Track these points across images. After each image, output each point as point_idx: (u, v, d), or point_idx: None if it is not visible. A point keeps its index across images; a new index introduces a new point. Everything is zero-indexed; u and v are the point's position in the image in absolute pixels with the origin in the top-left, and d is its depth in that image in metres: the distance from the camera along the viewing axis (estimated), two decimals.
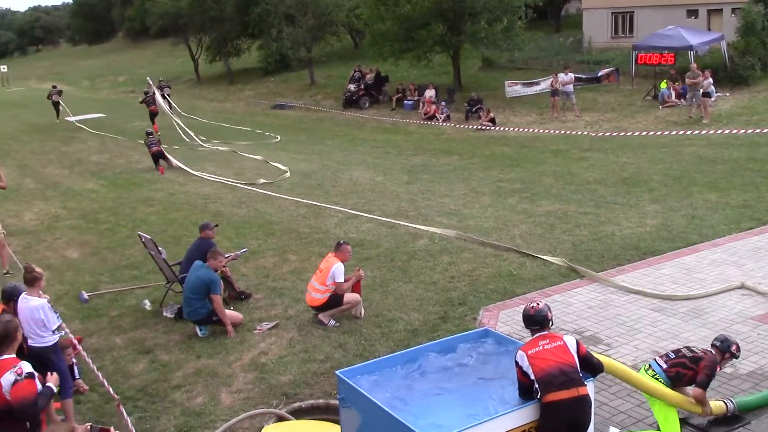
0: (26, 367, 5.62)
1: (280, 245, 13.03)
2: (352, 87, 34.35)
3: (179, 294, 10.11)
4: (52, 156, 25.23)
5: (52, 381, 5.84)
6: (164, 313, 10.12)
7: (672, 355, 6.61)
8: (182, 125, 27.15)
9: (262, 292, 10.72)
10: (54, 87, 38.58)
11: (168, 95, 35.03)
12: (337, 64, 43.70)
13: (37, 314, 7.10)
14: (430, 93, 30.47)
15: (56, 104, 36.30)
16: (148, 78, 32.46)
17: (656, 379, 6.47)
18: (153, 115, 30.22)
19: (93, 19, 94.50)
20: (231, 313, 9.55)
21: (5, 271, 12.10)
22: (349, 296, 9.45)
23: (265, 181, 18.49)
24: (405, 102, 32.20)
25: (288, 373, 8.14)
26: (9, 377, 5.49)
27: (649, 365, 6.63)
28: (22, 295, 7.40)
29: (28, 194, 18.69)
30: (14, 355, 5.72)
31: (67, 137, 29.86)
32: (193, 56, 51.03)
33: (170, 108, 31.49)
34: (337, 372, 6.07)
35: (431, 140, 24.99)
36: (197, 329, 9.37)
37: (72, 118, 34.94)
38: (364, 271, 10.18)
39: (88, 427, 6.32)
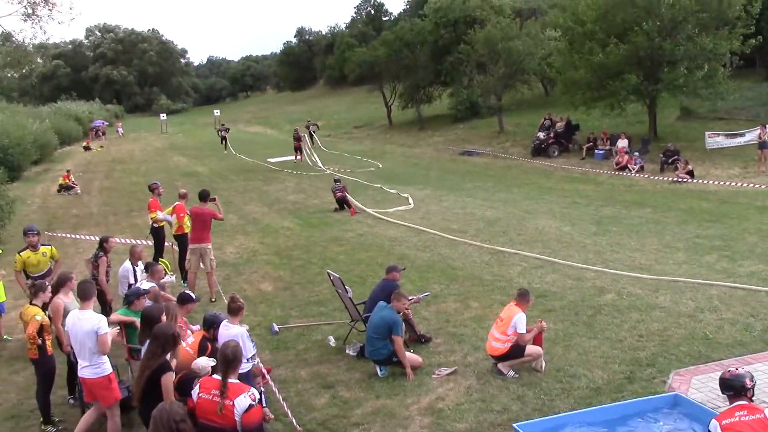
0: (256, 393, 5.86)
1: (462, 291, 13.06)
2: (541, 135, 34.01)
3: (362, 333, 10.40)
4: (254, 194, 27.05)
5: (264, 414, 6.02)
6: (347, 351, 10.43)
7: None
8: (314, 157, 35.76)
9: (442, 337, 10.77)
10: (223, 125, 51.21)
11: (314, 132, 45.56)
12: (527, 111, 43.54)
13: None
14: (623, 143, 29.54)
15: (224, 138, 46.79)
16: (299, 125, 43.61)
17: None
18: (296, 148, 37.56)
19: (297, 67, 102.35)
20: (411, 356, 9.66)
21: (211, 299, 13.10)
22: (531, 348, 9.27)
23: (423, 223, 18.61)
24: (596, 151, 31.38)
25: (464, 421, 8.08)
26: (243, 401, 5.63)
27: None
28: (224, 322, 7.99)
29: (231, 229, 20.07)
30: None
31: (268, 177, 31.96)
32: (386, 102, 53.10)
33: (312, 143, 40.71)
34: (514, 425, 5.99)
35: (622, 191, 24.12)
36: (377, 369, 9.57)
37: (274, 159, 38.52)
38: (547, 323, 9.95)
39: None
